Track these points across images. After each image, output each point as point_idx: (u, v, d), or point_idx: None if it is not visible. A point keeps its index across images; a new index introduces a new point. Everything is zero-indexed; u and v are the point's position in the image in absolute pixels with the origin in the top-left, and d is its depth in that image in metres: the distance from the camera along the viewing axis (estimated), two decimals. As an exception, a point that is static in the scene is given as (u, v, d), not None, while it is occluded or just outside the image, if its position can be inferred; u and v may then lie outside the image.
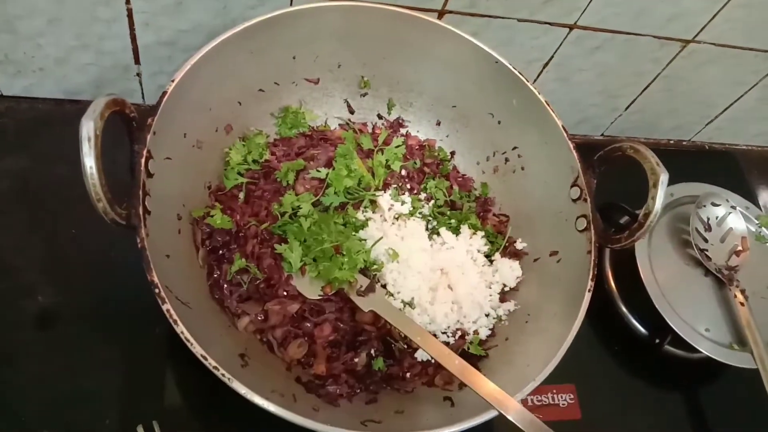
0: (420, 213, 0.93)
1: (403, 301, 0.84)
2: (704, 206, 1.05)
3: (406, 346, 0.84)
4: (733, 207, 1.06)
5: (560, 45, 1.05)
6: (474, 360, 0.84)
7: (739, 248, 1.04)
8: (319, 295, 0.81)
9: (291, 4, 0.88)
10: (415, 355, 0.83)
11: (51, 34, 0.87)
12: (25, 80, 0.95)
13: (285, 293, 0.81)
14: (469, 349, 0.85)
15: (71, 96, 0.99)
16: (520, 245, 0.94)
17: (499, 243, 0.94)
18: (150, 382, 0.82)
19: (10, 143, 0.93)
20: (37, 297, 0.83)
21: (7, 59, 0.90)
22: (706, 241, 1.03)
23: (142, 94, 1.02)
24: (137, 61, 0.95)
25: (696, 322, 0.97)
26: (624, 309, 1.02)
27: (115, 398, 0.79)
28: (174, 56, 0.95)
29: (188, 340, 0.61)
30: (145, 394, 0.81)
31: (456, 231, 0.92)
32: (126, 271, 0.67)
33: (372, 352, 0.82)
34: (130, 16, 0.87)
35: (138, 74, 0.98)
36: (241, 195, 0.87)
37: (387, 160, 0.95)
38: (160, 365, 0.83)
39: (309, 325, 0.81)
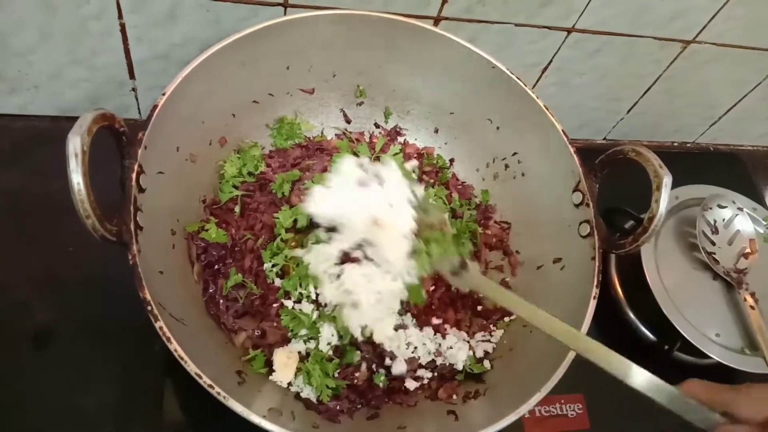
0: None
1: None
2: (710, 208, 1.04)
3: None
4: (740, 209, 1.05)
5: (559, 49, 1.04)
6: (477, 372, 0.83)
7: (748, 250, 1.02)
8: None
9: (284, 14, 0.88)
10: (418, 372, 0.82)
11: (42, 49, 0.87)
12: (20, 98, 0.95)
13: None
14: (473, 370, 0.83)
15: (66, 113, 0.98)
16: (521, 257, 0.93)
17: None
18: (148, 399, 0.81)
19: (5, 161, 0.93)
20: (33, 314, 0.82)
21: (1, 77, 0.90)
22: (713, 244, 1.01)
23: (138, 109, 1.02)
24: (132, 75, 0.95)
25: (705, 327, 0.95)
26: (631, 315, 1.01)
27: (112, 416, 0.78)
28: (168, 70, 0.94)
29: (182, 358, 0.60)
30: (143, 411, 0.80)
31: None
32: (123, 286, 0.65)
33: (373, 366, 0.80)
34: (123, 30, 0.87)
35: (133, 89, 0.97)
36: (237, 208, 0.86)
37: (385, 169, 0.93)
38: (159, 382, 0.81)
39: (308, 341, 0.79)
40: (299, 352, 0.78)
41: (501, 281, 0.93)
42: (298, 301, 0.80)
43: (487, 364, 0.84)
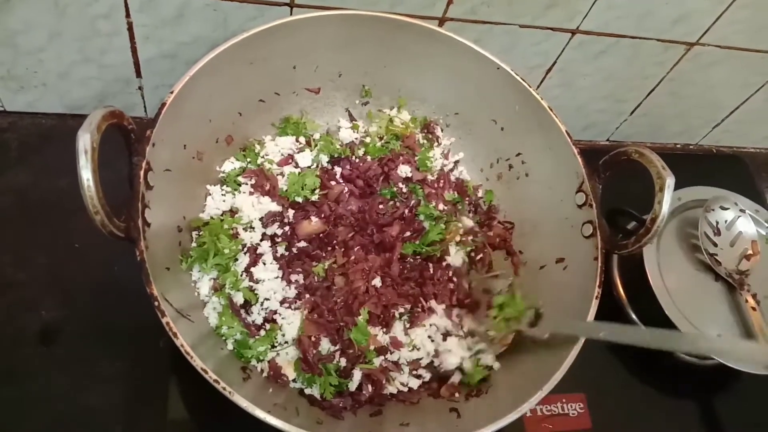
0: None
1: None
2: (713, 210, 1.04)
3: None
4: (742, 210, 1.05)
5: (563, 50, 1.04)
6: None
7: (750, 252, 1.02)
8: None
9: (291, 14, 0.88)
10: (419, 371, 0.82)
11: (52, 48, 0.88)
12: (28, 95, 0.95)
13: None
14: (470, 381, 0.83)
15: (74, 110, 0.99)
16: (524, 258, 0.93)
17: None
18: (154, 396, 0.81)
19: (13, 158, 0.94)
20: (40, 312, 0.83)
21: (10, 75, 0.91)
22: (715, 245, 1.02)
23: (144, 107, 1.02)
24: (138, 74, 0.96)
25: (707, 328, 0.95)
26: (633, 316, 1.00)
27: (118, 413, 0.79)
28: (176, 69, 0.95)
29: (188, 354, 0.61)
30: (149, 408, 0.81)
31: None
32: (129, 283, 0.66)
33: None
34: (130, 29, 0.87)
35: (140, 87, 0.98)
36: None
37: (389, 169, 0.94)
38: (165, 379, 0.82)
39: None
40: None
41: (504, 281, 0.93)
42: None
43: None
